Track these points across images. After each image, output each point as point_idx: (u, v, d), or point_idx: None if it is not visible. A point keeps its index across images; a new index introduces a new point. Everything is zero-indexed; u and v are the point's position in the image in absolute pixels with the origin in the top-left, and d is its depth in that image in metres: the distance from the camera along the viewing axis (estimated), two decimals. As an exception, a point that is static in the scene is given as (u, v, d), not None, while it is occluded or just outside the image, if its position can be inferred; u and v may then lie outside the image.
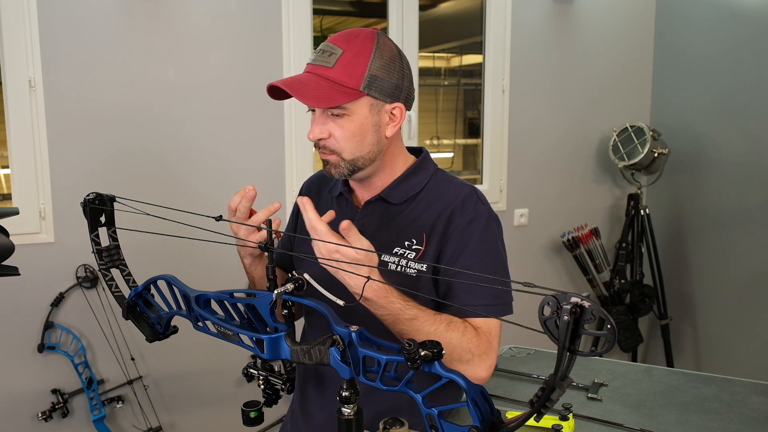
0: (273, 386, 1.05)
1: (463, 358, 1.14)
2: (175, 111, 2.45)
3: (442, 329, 1.13)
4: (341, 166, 1.22)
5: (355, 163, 1.22)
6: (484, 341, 1.16)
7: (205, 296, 1.02)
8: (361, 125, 1.19)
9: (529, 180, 3.21)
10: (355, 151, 1.21)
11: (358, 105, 1.18)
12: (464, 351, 1.14)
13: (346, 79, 1.16)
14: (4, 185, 2.43)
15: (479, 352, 1.15)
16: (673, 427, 1.35)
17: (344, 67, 1.16)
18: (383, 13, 2.87)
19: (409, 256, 1.22)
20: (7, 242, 1.10)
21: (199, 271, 2.23)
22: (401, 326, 1.11)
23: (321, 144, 1.21)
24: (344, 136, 1.19)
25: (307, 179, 1.49)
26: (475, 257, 1.21)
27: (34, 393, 2.33)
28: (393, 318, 1.11)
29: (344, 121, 1.19)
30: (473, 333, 1.15)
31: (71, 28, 2.26)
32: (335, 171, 1.23)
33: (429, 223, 1.24)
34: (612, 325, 0.63)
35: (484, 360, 1.16)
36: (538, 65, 3.16)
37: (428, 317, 1.13)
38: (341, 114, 1.18)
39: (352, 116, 1.18)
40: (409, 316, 1.11)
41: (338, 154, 1.21)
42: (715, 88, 3.13)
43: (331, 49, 1.17)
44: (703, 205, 3.23)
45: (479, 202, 1.26)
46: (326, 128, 1.19)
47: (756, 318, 3.01)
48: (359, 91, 1.17)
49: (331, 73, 1.16)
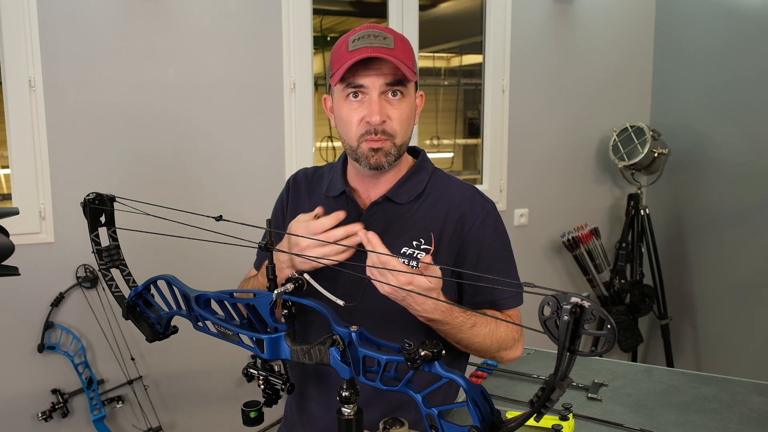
0: (273, 386, 1.05)
1: (509, 345, 1.25)
2: (175, 111, 2.45)
3: (493, 327, 1.22)
4: (392, 153, 1.22)
5: (401, 150, 1.24)
6: (517, 327, 1.26)
7: (205, 296, 1.02)
8: (412, 107, 1.24)
9: (529, 180, 3.21)
10: (404, 135, 1.24)
11: (412, 86, 1.24)
12: (510, 340, 1.25)
13: (407, 59, 1.20)
14: (4, 185, 2.43)
15: (518, 336, 1.28)
16: (673, 427, 1.35)
17: (401, 50, 1.20)
18: (383, 13, 2.87)
19: (419, 256, 1.23)
20: (7, 242, 1.10)
21: (199, 271, 2.23)
22: (462, 335, 1.18)
23: (380, 129, 1.20)
24: (401, 118, 1.21)
25: (291, 175, 1.44)
26: (495, 254, 1.29)
27: (34, 393, 2.33)
28: (456, 330, 1.17)
29: (401, 103, 1.21)
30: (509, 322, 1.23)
31: (71, 28, 2.26)
32: (386, 159, 1.22)
33: (436, 224, 1.26)
34: (612, 325, 0.63)
35: (520, 341, 1.29)
36: (538, 65, 3.16)
37: (483, 321, 1.20)
38: (400, 95, 1.21)
39: (407, 98, 1.22)
40: (470, 325, 1.17)
41: (392, 140, 1.21)
42: (715, 88, 3.13)
43: (383, 34, 1.20)
44: (703, 205, 3.23)
45: (484, 200, 1.31)
46: (384, 111, 1.20)
47: (756, 318, 3.01)
48: (414, 72, 1.21)
49: (396, 54, 1.18)
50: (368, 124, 1.19)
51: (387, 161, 1.22)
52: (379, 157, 1.21)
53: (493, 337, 1.22)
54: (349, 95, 1.21)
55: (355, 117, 1.21)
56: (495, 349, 1.24)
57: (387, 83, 1.18)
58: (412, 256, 1.23)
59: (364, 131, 1.20)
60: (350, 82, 1.19)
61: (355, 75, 1.18)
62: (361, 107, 1.20)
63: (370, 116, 1.18)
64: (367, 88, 1.19)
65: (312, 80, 2.66)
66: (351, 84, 1.19)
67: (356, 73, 1.18)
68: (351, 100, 1.21)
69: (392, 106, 1.20)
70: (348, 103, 1.21)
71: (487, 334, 1.20)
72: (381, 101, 1.19)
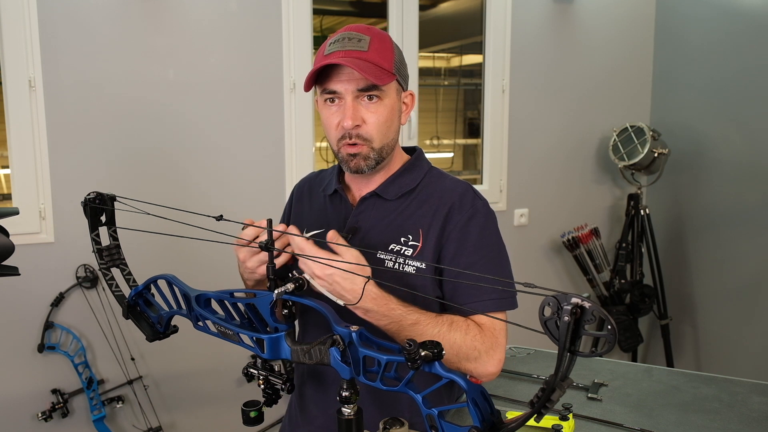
0: (273, 386, 1.05)
1: (471, 356, 1.14)
2: (175, 111, 2.45)
3: (444, 330, 1.13)
4: (371, 157, 1.22)
5: (381, 153, 1.23)
6: (489, 337, 1.16)
7: (205, 296, 1.02)
8: (391, 110, 1.22)
9: (529, 180, 3.21)
10: (384, 138, 1.22)
11: (390, 88, 1.22)
12: (470, 349, 1.14)
13: (382, 61, 1.19)
14: (4, 185, 2.43)
15: (485, 348, 1.15)
16: (673, 427, 1.35)
17: (377, 50, 1.19)
18: (383, 13, 2.87)
19: (406, 252, 1.22)
20: (7, 242, 1.10)
21: (199, 271, 2.23)
22: (405, 333, 1.11)
23: (354, 133, 1.20)
24: (378, 121, 1.20)
25: (297, 183, 1.48)
26: (478, 254, 1.22)
27: (34, 393, 2.33)
28: (396, 326, 1.11)
29: (377, 106, 1.20)
30: (477, 330, 1.16)
31: (71, 28, 2.26)
32: (365, 163, 1.22)
33: (425, 220, 1.24)
34: (612, 326, 0.63)
35: (492, 355, 1.16)
36: (538, 65, 3.16)
37: (430, 320, 1.13)
38: (376, 98, 1.20)
39: (384, 100, 1.21)
40: (411, 321, 1.11)
41: (369, 144, 1.21)
42: (715, 88, 3.13)
43: (358, 36, 1.19)
44: (703, 205, 3.23)
45: (476, 197, 1.27)
46: (359, 115, 1.20)
47: (756, 318, 3.01)
48: (392, 73, 1.20)
49: (368, 56, 1.17)
50: (343, 128, 1.20)
51: (366, 165, 1.22)
52: (358, 162, 1.22)
53: (446, 341, 1.11)
54: (327, 100, 1.22)
55: (333, 121, 1.22)
56: (454, 357, 1.13)
57: (359, 89, 1.18)
58: (399, 252, 1.22)
59: (340, 136, 1.21)
60: (325, 87, 1.21)
61: (328, 80, 1.20)
62: (338, 111, 1.21)
63: (344, 120, 1.19)
64: (341, 93, 1.19)
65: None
66: (325, 90, 1.21)
67: (330, 79, 1.19)
68: (329, 105, 1.22)
69: (368, 110, 1.20)
70: (327, 108, 1.23)
71: (435, 335, 1.11)
72: (356, 105, 1.19)
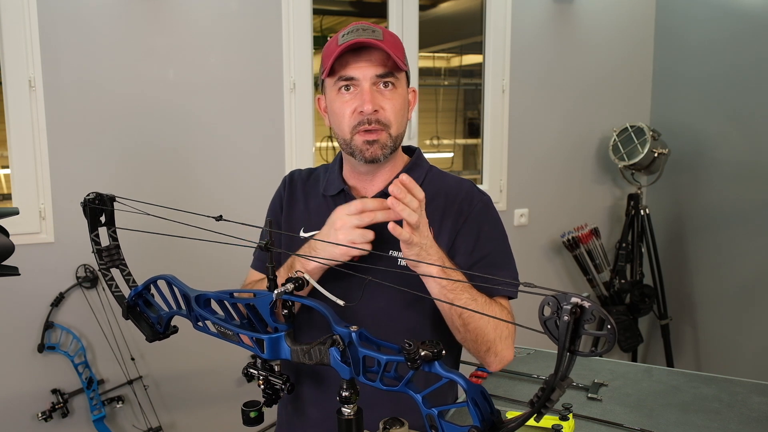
0: (273, 386, 1.05)
1: (503, 334, 1.20)
2: (175, 111, 2.45)
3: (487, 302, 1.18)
4: (388, 145, 1.22)
5: (396, 142, 1.24)
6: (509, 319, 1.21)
7: (205, 296, 1.02)
8: (404, 99, 1.24)
9: (529, 180, 3.21)
10: (400, 126, 1.23)
11: (403, 78, 1.24)
12: (504, 327, 1.20)
13: (396, 51, 1.20)
14: (4, 185, 2.43)
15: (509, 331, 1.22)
16: (673, 427, 1.35)
17: (389, 42, 1.20)
18: (383, 13, 2.87)
19: None
20: (7, 242, 1.10)
21: (199, 271, 2.23)
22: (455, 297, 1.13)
23: (373, 118, 1.19)
24: (394, 108, 1.21)
25: (287, 175, 1.43)
26: (493, 243, 1.27)
27: (34, 393, 2.33)
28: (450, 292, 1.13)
29: (393, 93, 1.21)
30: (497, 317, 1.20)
31: (71, 28, 2.26)
32: (382, 152, 1.22)
33: (435, 217, 1.25)
34: (612, 326, 0.63)
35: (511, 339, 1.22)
36: (538, 65, 3.16)
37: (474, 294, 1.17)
38: (392, 86, 1.21)
39: (399, 89, 1.22)
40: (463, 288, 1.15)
41: (387, 130, 1.21)
42: (716, 88, 3.13)
43: (371, 28, 1.20)
44: (703, 205, 3.23)
45: (481, 193, 1.32)
46: (377, 101, 1.20)
47: (756, 318, 3.01)
48: (404, 64, 1.22)
49: (384, 45, 1.18)
50: (361, 114, 1.19)
51: (383, 154, 1.22)
52: (375, 150, 1.21)
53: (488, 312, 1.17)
54: (341, 89, 1.21)
55: (347, 109, 1.21)
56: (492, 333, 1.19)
57: (378, 75, 1.19)
58: None
59: (357, 122, 1.20)
60: (341, 75, 1.20)
61: (345, 67, 1.19)
62: (353, 99, 1.20)
63: (363, 105, 1.18)
64: (358, 80, 1.19)
65: (312, 80, 2.66)
66: (342, 77, 1.20)
67: (347, 65, 1.19)
68: (343, 93, 1.21)
69: (384, 97, 1.20)
70: (340, 96, 1.22)
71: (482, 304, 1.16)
72: (373, 91, 1.19)
